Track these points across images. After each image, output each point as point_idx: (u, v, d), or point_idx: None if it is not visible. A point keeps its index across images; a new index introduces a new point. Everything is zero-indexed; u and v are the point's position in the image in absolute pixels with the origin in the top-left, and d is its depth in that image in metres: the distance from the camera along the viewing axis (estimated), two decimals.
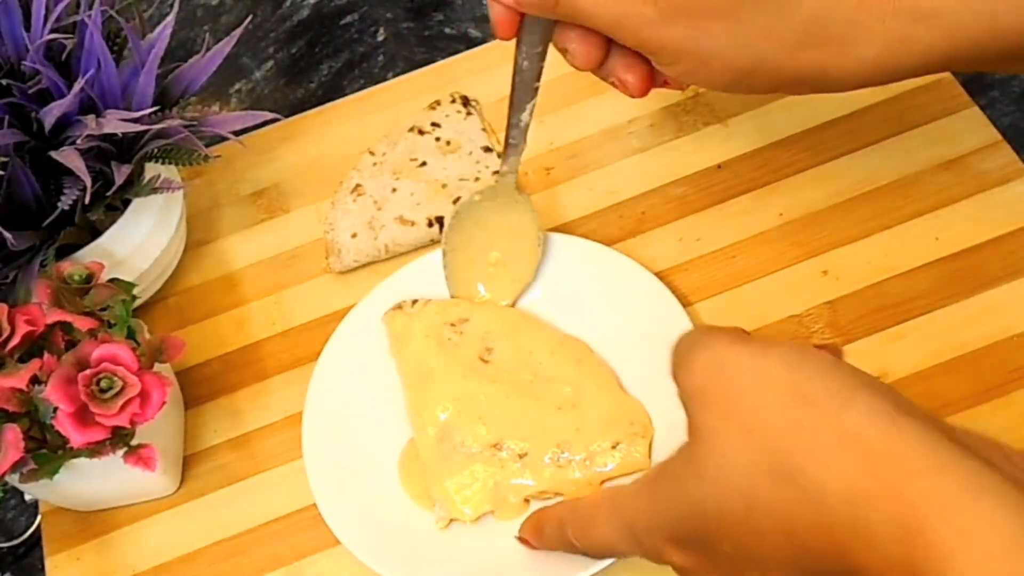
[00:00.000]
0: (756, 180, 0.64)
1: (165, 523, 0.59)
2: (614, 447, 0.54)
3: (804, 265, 0.61)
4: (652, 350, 0.57)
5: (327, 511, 0.55)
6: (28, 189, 0.58)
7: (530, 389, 0.57)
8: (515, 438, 0.55)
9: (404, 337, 0.59)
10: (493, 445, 0.55)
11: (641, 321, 0.59)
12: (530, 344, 0.58)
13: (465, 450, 0.55)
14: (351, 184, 0.68)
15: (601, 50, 0.49)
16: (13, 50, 0.59)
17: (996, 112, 0.65)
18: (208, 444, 0.61)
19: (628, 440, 0.54)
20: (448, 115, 0.69)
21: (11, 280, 0.59)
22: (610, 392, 0.56)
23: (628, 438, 0.55)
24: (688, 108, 0.67)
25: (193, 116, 0.61)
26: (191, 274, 0.68)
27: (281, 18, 0.83)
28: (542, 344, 0.58)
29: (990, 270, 0.58)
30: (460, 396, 0.57)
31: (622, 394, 0.57)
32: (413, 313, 0.59)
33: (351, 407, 0.59)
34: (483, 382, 0.57)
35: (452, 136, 0.68)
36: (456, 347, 0.58)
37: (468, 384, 0.57)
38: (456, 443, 0.56)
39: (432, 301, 0.60)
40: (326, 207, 0.67)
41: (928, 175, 0.62)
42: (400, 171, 0.67)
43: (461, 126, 0.69)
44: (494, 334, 0.59)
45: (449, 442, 0.56)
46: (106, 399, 0.51)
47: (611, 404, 0.56)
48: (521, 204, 0.59)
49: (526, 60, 0.51)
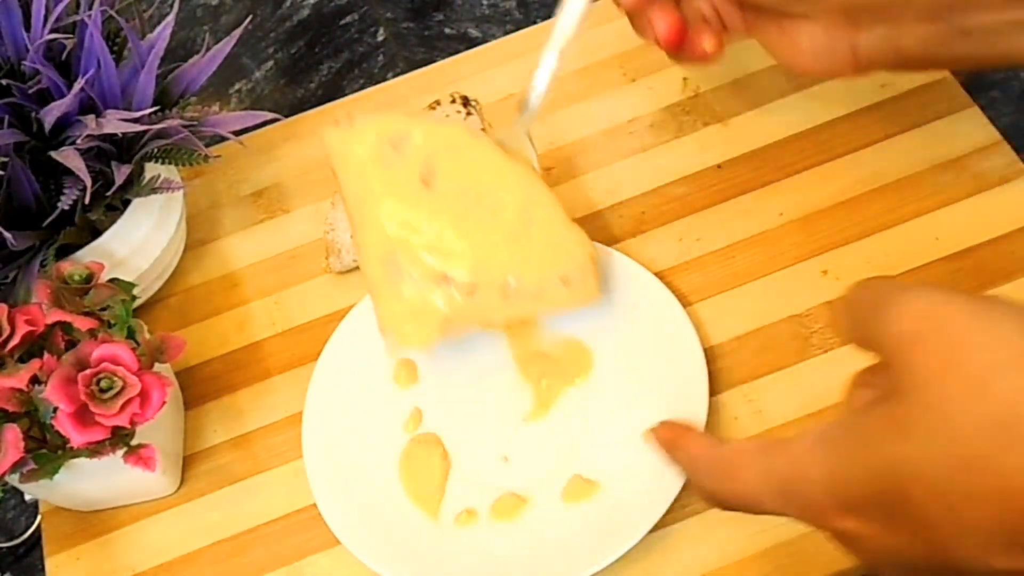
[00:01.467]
0: (756, 180, 0.64)
1: (165, 523, 0.59)
2: (564, 282, 0.54)
3: (804, 265, 0.61)
4: (652, 350, 0.58)
5: (327, 511, 0.55)
6: (28, 189, 0.58)
7: (475, 216, 0.54)
8: (462, 269, 0.54)
9: (343, 155, 0.56)
10: (440, 276, 0.53)
11: (641, 321, 0.59)
12: (474, 166, 0.55)
13: (410, 278, 0.54)
14: None
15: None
16: (13, 50, 0.59)
17: (996, 112, 0.65)
18: (208, 444, 0.61)
19: (577, 273, 0.54)
20: (448, 115, 0.69)
21: (11, 280, 0.59)
22: (557, 222, 0.55)
23: (577, 271, 0.54)
24: (688, 108, 0.68)
25: (193, 116, 0.61)
26: (191, 274, 0.68)
27: (281, 18, 0.83)
28: (486, 167, 0.55)
29: (990, 270, 0.58)
30: (403, 221, 0.54)
31: (568, 224, 0.56)
32: (351, 130, 0.56)
33: (351, 407, 0.59)
34: (427, 210, 0.54)
35: None
36: (397, 167, 0.55)
37: (411, 211, 0.54)
38: (400, 268, 0.54)
39: (370, 116, 0.56)
40: (326, 207, 0.67)
41: (928, 175, 0.62)
42: None
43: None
44: (437, 155, 0.55)
45: (394, 266, 0.54)
46: (106, 399, 0.51)
47: (558, 234, 0.55)
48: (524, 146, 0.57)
49: None
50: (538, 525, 0.55)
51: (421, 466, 0.58)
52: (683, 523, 0.54)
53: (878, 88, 0.65)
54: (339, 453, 0.58)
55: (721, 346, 0.59)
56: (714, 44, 0.54)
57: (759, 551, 0.52)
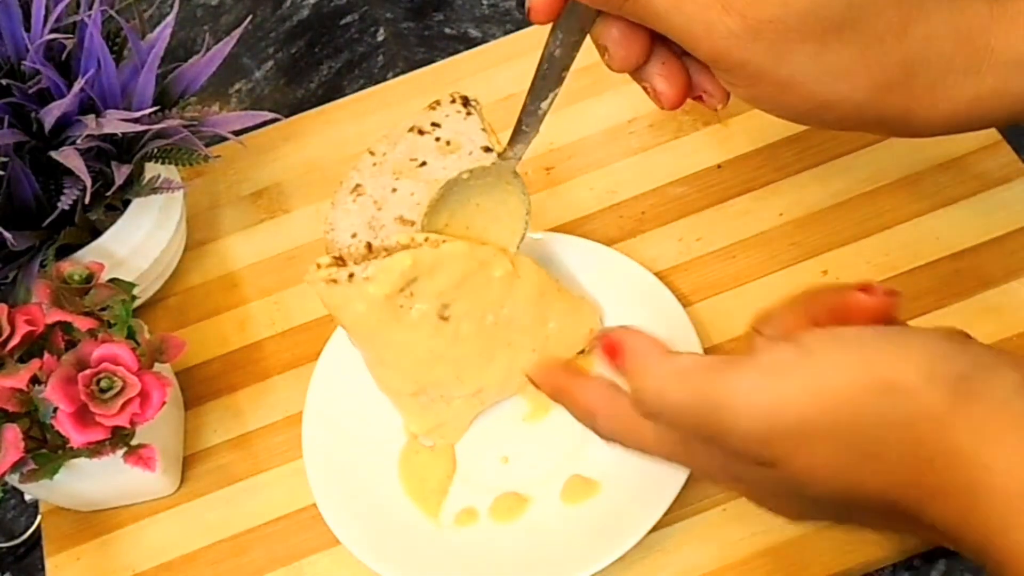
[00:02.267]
0: (756, 180, 0.64)
1: (165, 523, 0.59)
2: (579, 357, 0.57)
3: (804, 265, 0.60)
4: None
5: (327, 511, 0.55)
6: (28, 189, 0.58)
7: (497, 338, 0.55)
8: (494, 387, 0.56)
9: (345, 310, 0.53)
10: (474, 393, 0.56)
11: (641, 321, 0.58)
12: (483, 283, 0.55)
13: (446, 399, 0.56)
14: (351, 184, 0.67)
15: (642, 54, 0.46)
16: (13, 50, 0.59)
17: None
18: (208, 444, 0.61)
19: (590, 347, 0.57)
20: (448, 115, 0.69)
21: (11, 280, 0.59)
22: (568, 305, 0.57)
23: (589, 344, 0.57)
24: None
25: (193, 116, 0.61)
26: (191, 274, 0.68)
27: (281, 18, 0.83)
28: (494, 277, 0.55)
29: (990, 270, 0.58)
30: (429, 359, 0.55)
31: (577, 302, 0.57)
32: (351, 287, 0.52)
33: (351, 407, 0.59)
34: (450, 342, 0.54)
35: (452, 136, 0.68)
36: (412, 313, 0.54)
37: (435, 345, 0.54)
38: (434, 396, 0.56)
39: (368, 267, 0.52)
40: (326, 207, 0.67)
41: (928, 175, 0.62)
42: (400, 171, 0.67)
43: (461, 126, 0.68)
44: (447, 287, 0.54)
45: (426, 396, 0.56)
46: (106, 399, 0.51)
47: (572, 314, 0.57)
48: (513, 187, 0.56)
49: (559, 48, 0.47)
50: (538, 525, 0.55)
51: (421, 466, 0.58)
52: (683, 523, 0.54)
53: None
54: (339, 453, 0.57)
55: (721, 346, 0.59)
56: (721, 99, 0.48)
57: (759, 551, 0.52)
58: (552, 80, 0.49)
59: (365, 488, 0.57)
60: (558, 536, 0.54)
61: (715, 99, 0.47)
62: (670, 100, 0.47)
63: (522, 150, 0.54)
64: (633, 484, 0.54)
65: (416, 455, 0.58)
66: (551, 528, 0.55)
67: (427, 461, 0.58)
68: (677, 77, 0.47)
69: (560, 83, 0.49)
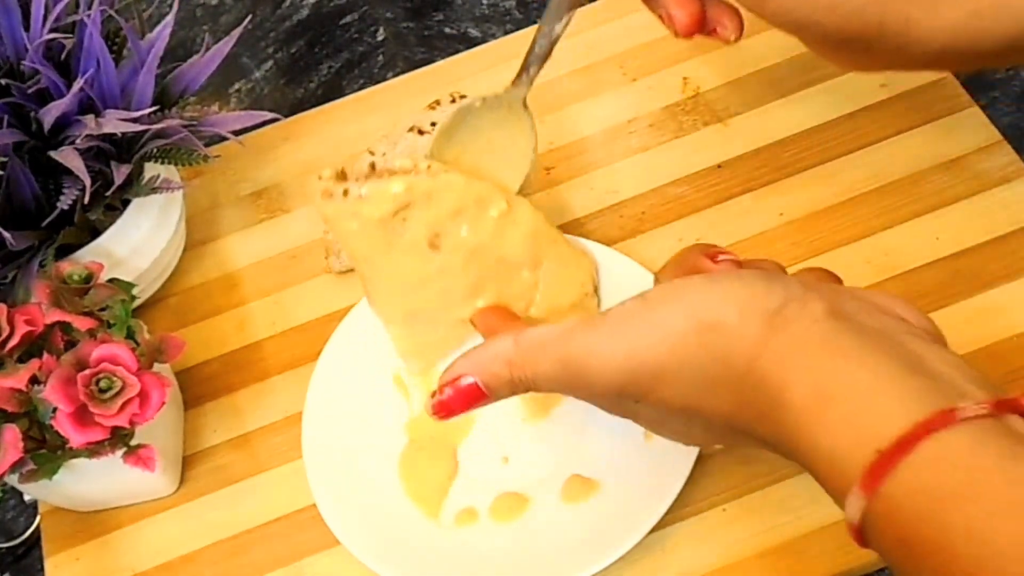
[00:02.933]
0: (756, 180, 0.64)
1: (165, 523, 0.59)
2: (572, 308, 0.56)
3: (804, 265, 0.60)
4: None
5: (327, 511, 0.55)
6: (27, 189, 0.57)
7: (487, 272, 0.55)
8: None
9: (341, 226, 0.54)
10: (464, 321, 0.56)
11: None
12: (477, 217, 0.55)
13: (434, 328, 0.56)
14: None
15: None
16: (12, 50, 0.59)
17: (996, 112, 0.65)
18: (208, 444, 0.61)
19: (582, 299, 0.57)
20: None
21: (10, 280, 0.59)
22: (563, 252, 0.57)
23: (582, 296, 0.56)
24: (688, 108, 0.67)
25: (192, 116, 0.61)
26: (191, 274, 0.68)
27: (281, 18, 0.83)
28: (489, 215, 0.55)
29: (990, 270, 0.58)
30: (417, 284, 0.55)
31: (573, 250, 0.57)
32: (345, 203, 0.53)
33: (351, 407, 0.59)
34: (439, 271, 0.54)
35: None
36: (403, 238, 0.54)
37: (424, 272, 0.54)
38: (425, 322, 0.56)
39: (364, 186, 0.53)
40: None
41: (928, 175, 0.62)
42: None
43: None
44: (441, 218, 0.54)
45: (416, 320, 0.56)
46: (105, 399, 0.51)
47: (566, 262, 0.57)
48: (523, 121, 0.56)
49: None
50: (538, 525, 0.55)
51: (422, 466, 0.58)
52: (683, 523, 0.54)
53: (878, 88, 0.65)
54: (339, 453, 0.57)
55: None
56: (735, 30, 0.51)
57: (759, 551, 0.52)
58: (569, 1, 0.49)
59: (365, 488, 0.56)
60: (558, 536, 0.54)
61: (728, 31, 0.49)
62: (684, 26, 0.49)
63: (533, 74, 0.54)
64: (633, 484, 0.54)
65: (416, 455, 0.58)
66: (551, 528, 0.55)
67: (427, 461, 0.58)
68: (691, 4, 0.49)
69: (577, 5, 0.50)
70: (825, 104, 0.65)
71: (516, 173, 0.56)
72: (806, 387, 0.37)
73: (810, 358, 0.37)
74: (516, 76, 0.54)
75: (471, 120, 0.56)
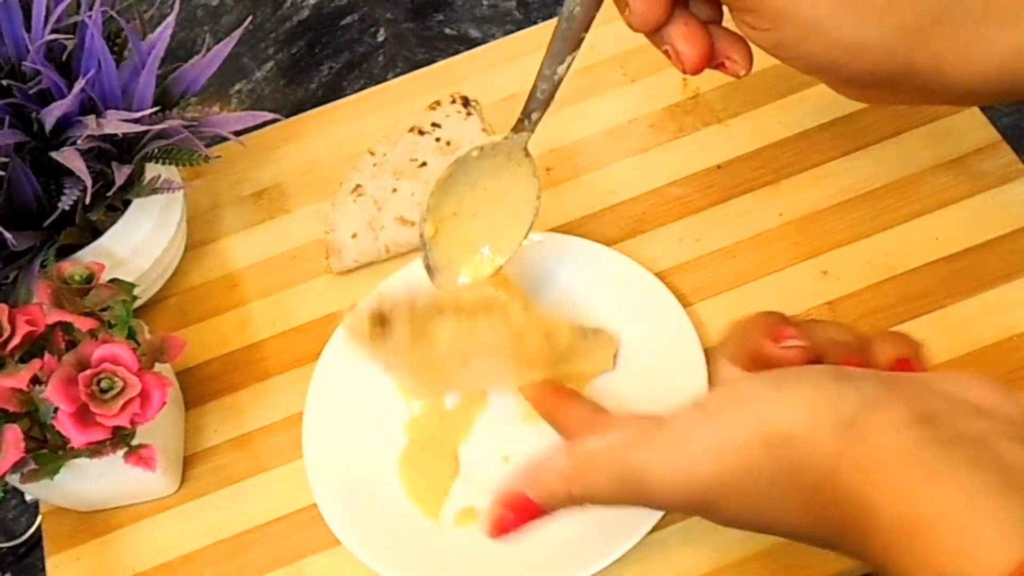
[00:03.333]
0: (756, 180, 0.64)
1: (165, 523, 0.59)
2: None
3: (804, 265, 0.61)
4: (652, 350, 0.58)
5: (327, 511, 0.55)
6: (29, 189, 0.58)
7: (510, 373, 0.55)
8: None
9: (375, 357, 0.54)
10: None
11: (641, 321, 0.59)
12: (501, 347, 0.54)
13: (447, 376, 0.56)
14: (351, 184, 0.68)
15: (664, 11, 0.44)
16: (14, 50, 0.59)
17: (996, 112, 0.65)
18: (208, 444, 0.61)
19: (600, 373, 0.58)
20: (448, 115, 0.69)
21: (12, 280, 0.59)
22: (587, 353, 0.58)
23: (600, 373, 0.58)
24: (688, 108, 0.68)
25: (193, 116, 0.61)
26: (192, 274, 0.68)
27: (281, 18, 0.83)
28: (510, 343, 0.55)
29: (990, 270, 0.58)
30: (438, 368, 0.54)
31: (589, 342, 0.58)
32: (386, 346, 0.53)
33: (351, 407, 0.59)
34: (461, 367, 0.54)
35: (452, 136, 0.68)
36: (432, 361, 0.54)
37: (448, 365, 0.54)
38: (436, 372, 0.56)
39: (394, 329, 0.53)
40: (326, 207, 0.67)
41: (928, 175, 0.62)
42: (400, 171, 0.67)
43: (461, 126, 0.69)
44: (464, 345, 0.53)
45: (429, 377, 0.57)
46: (106, 399, 0.51)
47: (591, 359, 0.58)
48: (523, 168, 0.53)
49: (578, 6, 0.45)
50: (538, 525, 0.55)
51: (422, 466, 0.58)
52: (683, 523, 0.54)
53: None
54: (339, 453, 0.58)
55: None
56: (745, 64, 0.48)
57: (759, 551, 0.53)
58: (571, 42, 0.47)
59: (365, 488, 0.57)
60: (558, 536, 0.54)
61: (738, 65, 0.46)
62: (692, 63, 0.46)
63: (536, 119, 0.50)
64: None
65: (416, 455, 0.58)
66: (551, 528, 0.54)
67: (427, 461, 0.58)
68: (700, 39, 0.45)
69: (578, 46, 0.47)
70: (825, 105, 0.65)
71: (519, 223, 0.55)
72: (895, 509, 0.34)
73: (896, 477, 0.34)
74: (516, 123, 0.51)
75: (466, 171, 0.53)
